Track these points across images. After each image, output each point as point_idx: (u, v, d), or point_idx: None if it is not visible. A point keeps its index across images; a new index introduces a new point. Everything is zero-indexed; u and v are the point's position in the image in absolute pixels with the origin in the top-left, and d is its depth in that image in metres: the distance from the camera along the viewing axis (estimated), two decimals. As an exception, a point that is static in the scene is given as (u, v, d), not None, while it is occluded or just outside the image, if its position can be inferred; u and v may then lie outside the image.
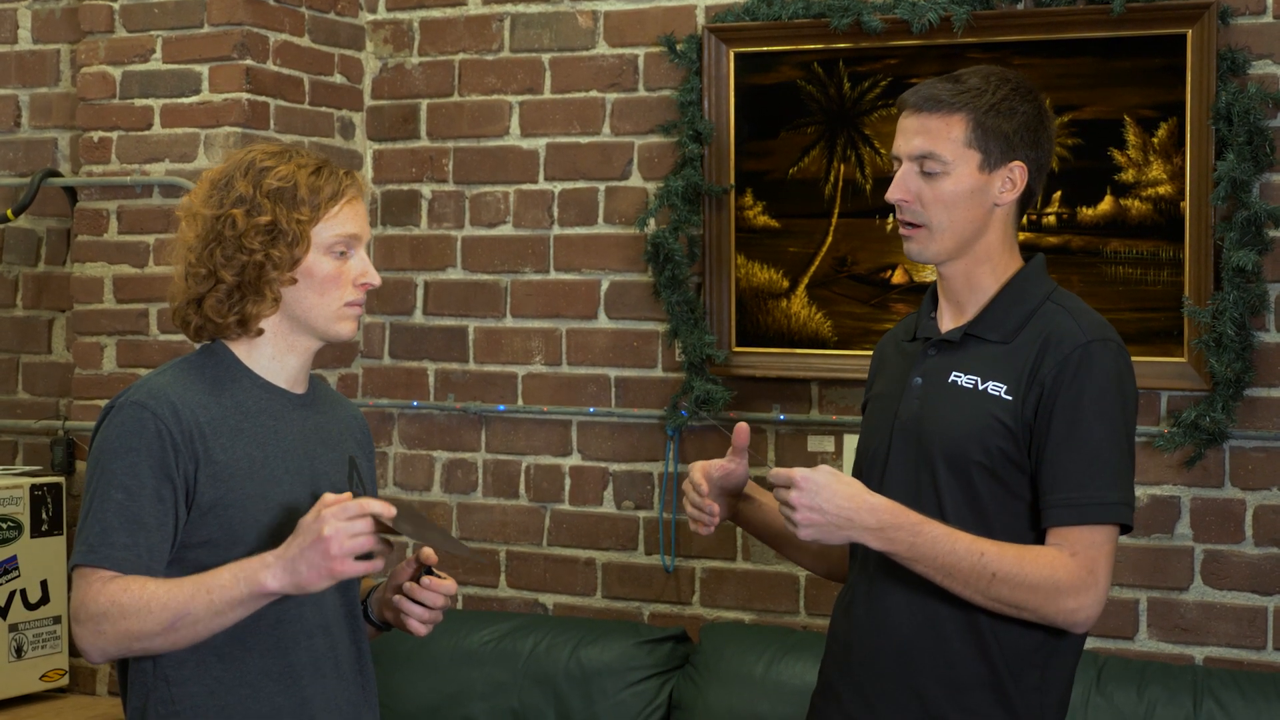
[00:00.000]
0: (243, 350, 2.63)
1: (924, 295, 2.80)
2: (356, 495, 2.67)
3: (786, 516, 2.50)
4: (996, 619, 2.56)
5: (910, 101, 2.65)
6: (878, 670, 2.63)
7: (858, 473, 2.75)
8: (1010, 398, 2.57)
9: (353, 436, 2.77)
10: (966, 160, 2.61)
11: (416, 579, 2.61)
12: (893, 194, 2.65)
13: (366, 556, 2.40)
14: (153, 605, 2.43)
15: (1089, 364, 2.56)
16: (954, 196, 2.61)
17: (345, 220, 2.61)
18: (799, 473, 2.47)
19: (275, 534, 2.53)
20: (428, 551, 2.55)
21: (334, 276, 2.61)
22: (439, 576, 2.61)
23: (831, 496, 2.47)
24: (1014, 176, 2.64)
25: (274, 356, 2.64)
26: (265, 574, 2.40)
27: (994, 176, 2.62)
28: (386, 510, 2.38)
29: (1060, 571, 2.50)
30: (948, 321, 2.70)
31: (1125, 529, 2.58)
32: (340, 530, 2.36)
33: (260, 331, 2.62)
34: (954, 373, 2.63)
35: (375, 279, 2.65)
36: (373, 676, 2.73)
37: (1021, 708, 2.59)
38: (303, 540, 2.38)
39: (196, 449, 2.51)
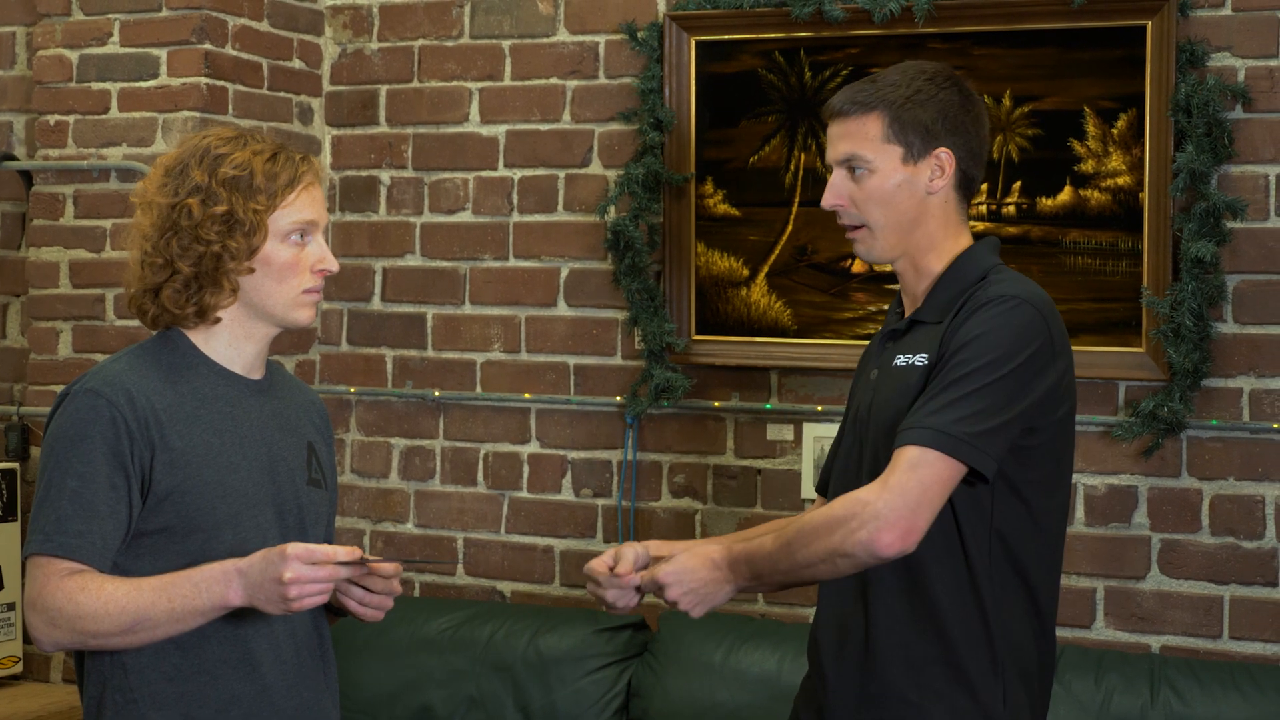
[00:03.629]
0: (199, 337, 2.62)
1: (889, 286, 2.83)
2: (314, 480, 2.67)
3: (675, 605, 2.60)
4: (947, 597, 2.55)
5: (833, 108, 2.70)
6: (839, 648, 2.65)
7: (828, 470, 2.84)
8: (925, 363, 2.59)
9: (311, 422, 2.75)
10: (888, 155, 2.64)
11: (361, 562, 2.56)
12: (826, 201, 2.71)
13: None
14: (111, 608, 2.43)
15: (991, 310, 2.53)
16: (882, 193, 2.64)
17: (302, 206, 2.59)
18: (663, 573, 2.58)
19: (233, 521, 2.53)
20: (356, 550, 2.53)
21: (292, 264, 2.59)
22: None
23: (694, 576, 2.57)
24: (941, 163, 2.65)
25: (231, 343, 2.62)
26: (229, 591, 2.42)
27: (920, 166, 2.64)
28: (352, 557, 2.42)
29: (838, 507, 2.49)
30: (908, 312, 2.73)
31: (977, 475, 2.50)
32: (301, 575, 2.38)
33: (218, 319, 2.60)
34: (897, 357, 2.65)
35: (333, 265, 2.63)
36: (333, 663, 2.73)
37: (980, 685, 2.58)
38: (263, 571, 2.40)
39: (152, 436, 2.50)
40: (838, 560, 2.49)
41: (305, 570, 2.37)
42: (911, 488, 2.45)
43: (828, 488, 2.87)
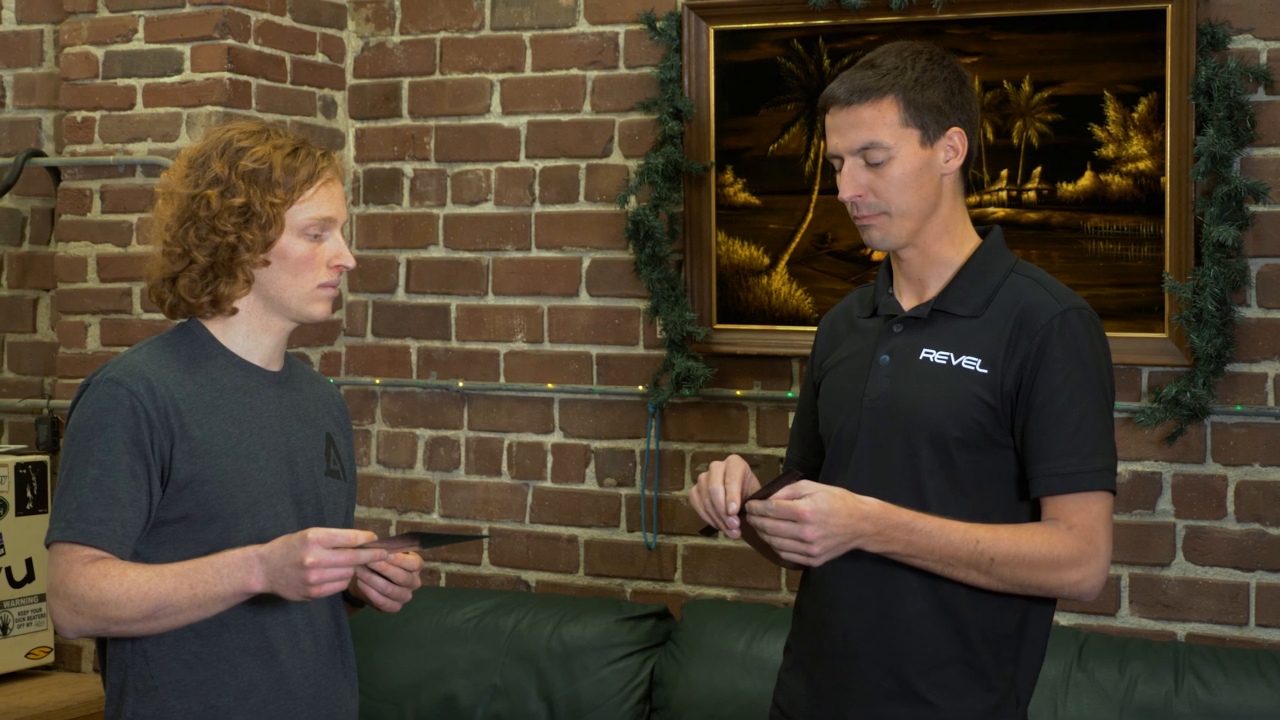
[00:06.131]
0: (218, 328, 2.65)
1: (878, 271, 2.79)
2: (333, 471, 2.69)
3: (797, 551, 2.45)
4: (972, 594, 2.56)
5: (837, 96, 2.63)
6: (850, 647, 2.62)
7: (816, 456, 2.78)
8: (986, 371, 2.57)
9: (330, 414, 2.77)
10: (907, 139, 2.60)
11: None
12: (845, 193, 2.64)
13: None
14: (133, 594, 2.45)
15: (1067, 333, 2.56)
16: (904, 178, 2.61)
17: (320, 202, 2.61)
18: (806, 507, 2.42)
19: (251, 510, 2.55)
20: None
21: (307, 258, 2.61)
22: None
23: (838, 517, 2.44)
24: (954, 143, 2.64)
25: (249, 335, 2.65)
26: (250, 577, 2.45)
27: (936, 148, 2.62)
28: (370, 540, 2.43)
29: (1059, 546, 2.52)
30: (909, 298, 2.69)
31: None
32: (322, 560, 2.39)
33: (235, 311, 2.63)
34: (924, 349, 2.62)
35: (349, 261, 2.65)
36: (351, 652, 2.74)
37: (996, 680, 2.59)
38: (285, 556, 2.42)
39: (171, 425, 2.53)
40: (1036, 590, 2.55)
41: (326, 555, 2.39)
42: (1101, 535, 2.55)
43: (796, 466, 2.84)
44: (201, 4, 4.29)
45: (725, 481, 2.52)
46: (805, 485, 2.45)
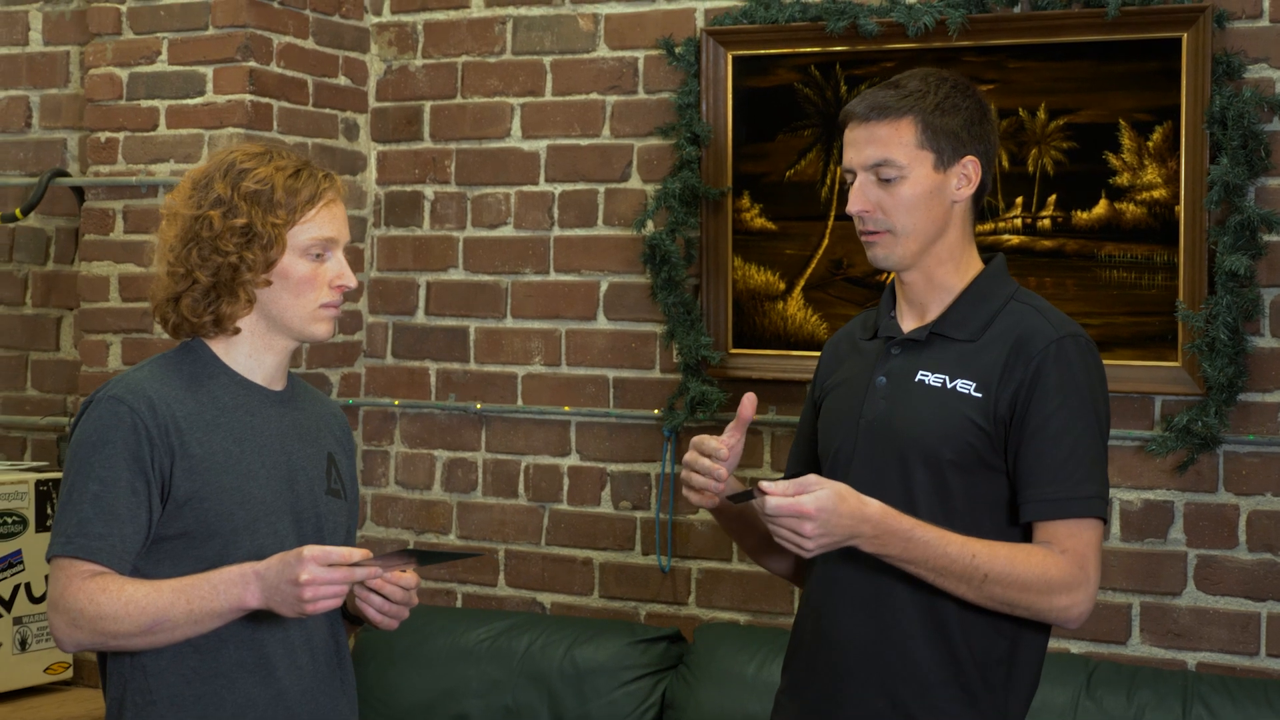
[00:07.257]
0: (221, 348, 2.67)
1: (883, 294, 2.80)
2: (334, 490, 2.71)
3: (794, 544, 2.45)
4: (964, 617, 2.56)
5: (856, 112, 2.65)
6: (844, 668, 2.63)
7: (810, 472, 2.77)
8: (980, 395, 2.58)
9: (332, 433, 2.79)
10: (921, 162, 2.62)
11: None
12: (853, 206, 2.65)
13: None
14: (131, 609, 2.47)
15: (1062, 360, 2.57)
16: (914, 199, 2.62)
17: (322, 223, 2.64)
18: (810, 505, 2.42)
19: (250, 528, 2.57)
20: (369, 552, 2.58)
21: (309, 278, 2.63)
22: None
23: (840, 518, 2.44)
24: (968, 172, 2.65)
25: (251, 354, 2.67)
26: (246, 593, 2.46)
27: (949, 174, 2.64)
28: (365, 558, 2.45)
29: (1052, 570, 2.52)
30: (909, 321, 2.70)
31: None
32: (317, 577, 2.41)
33: (237, 330, 2.65)
34: (920, 372, 2.63)
35: (351, 281, 2.67)
36: (350, 669, 2.76)
37: (987, 704, 2.59)
38: (280, 573, 2.43)
39: (172, 443, 2.55)
40: (1024, 612, 2.55)
41: (321, 572, 2.41)
42: (1091, 563, 2.56)
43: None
44: (224, 26, 4.33)
45: (709, 446, 2.61)
46: (813, 481, 2.44)
